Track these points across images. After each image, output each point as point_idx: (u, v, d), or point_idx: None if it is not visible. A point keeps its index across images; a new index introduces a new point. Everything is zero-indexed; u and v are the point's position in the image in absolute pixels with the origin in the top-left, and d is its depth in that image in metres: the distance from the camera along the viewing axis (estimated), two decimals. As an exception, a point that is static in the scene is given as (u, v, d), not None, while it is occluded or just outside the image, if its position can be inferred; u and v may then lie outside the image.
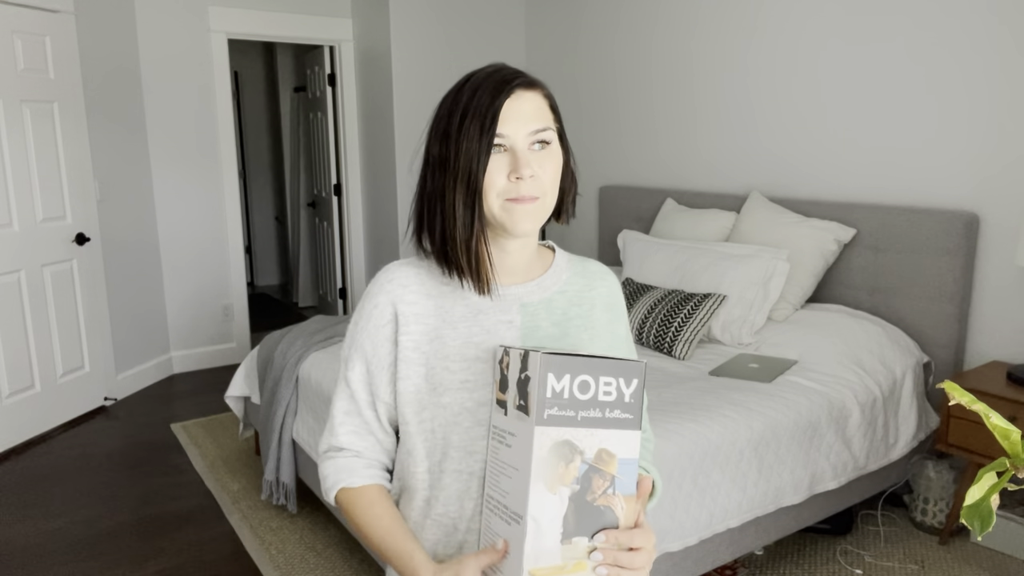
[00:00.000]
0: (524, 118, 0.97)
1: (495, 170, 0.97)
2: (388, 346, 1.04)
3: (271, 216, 7.86)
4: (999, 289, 2.76)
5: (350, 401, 1.07)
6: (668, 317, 2.93)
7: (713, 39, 3.74)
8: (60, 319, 3.92)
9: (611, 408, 0.88)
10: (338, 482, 1.05)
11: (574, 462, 0.86)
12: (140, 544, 2.80)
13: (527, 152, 0.97)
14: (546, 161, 0.99)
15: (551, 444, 0.86)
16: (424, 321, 1.04)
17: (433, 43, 4.80)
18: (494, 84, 0.97)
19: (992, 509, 0.75)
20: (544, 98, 1.02)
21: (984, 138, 2.74)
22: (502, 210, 0.98)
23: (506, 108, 0.97)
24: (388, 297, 1.05)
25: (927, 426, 2.78)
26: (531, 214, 0.98)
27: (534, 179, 0.97)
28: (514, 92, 0.97)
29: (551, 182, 1.00)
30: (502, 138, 0.97)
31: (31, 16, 3.67)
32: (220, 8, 4.68)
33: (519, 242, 1.04)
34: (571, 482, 0.86)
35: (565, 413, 0.86)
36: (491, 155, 0.97)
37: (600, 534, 0.87)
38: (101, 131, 4.19)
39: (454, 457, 1.01)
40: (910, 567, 2.54)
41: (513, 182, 0.97)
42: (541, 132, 0.98)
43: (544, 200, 0.99)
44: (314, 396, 2.66)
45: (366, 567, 2.62)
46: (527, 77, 1.01)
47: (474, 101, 0.97)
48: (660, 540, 2.02)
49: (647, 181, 4.23)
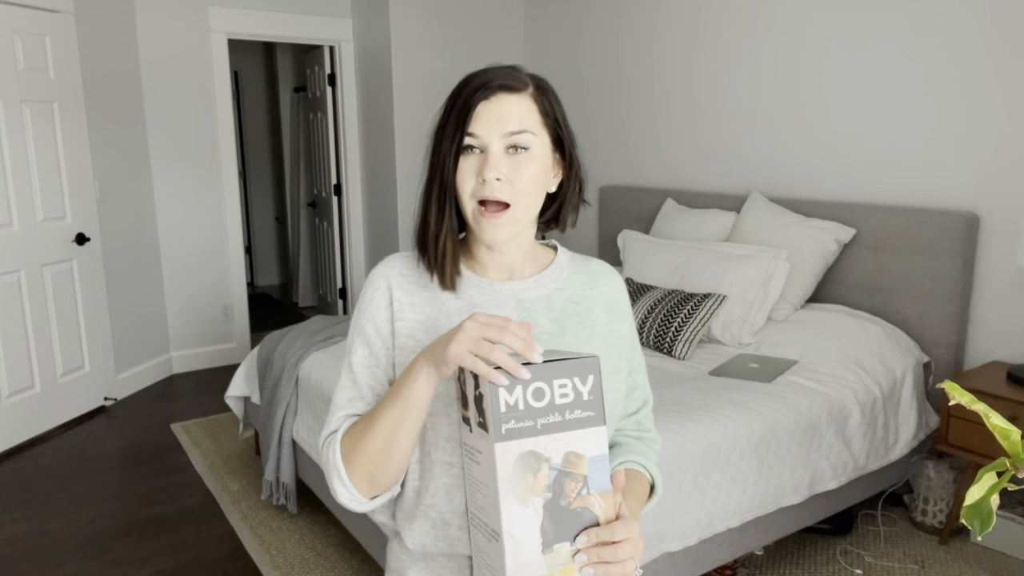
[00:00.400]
0: (499, 120, 0.96)
1: (465, 170, 0.97)
2: (389, 327, 1.05)
3: (271, 216, 7.86)
4: (999, 289, 2.76)
5: (353, 387, 1.05)
6: (668, 317, 2.93)
7: (713, 39, 3.74)
8: (60, 319, 3.92)
9: (571, 409, 0.86)
10: (335, 439, 1.00)
11: (541, 471, 0.85)
12: (140, 544, 2.80)
13: (499, 155, 0.96)
14: (521, 167, 0.97)
15: (514, 458, 0.84)
16: (420, 310, 1.04)
17: (433, 43, 4.80)
18: (477, 84, 0.97)
19: (992, 509, 0.75)
20: (534, 102, 0.99)
21: (984, 138, 2.74)
22: (472, 218, 0.98)
23: (481, 108, 0.96)
24: (386, 282, 1.06)
25: (927, 426, 2.78)
26: (500, 226, 0.97)
27: (502, 183, 0.95)
28: (494, 94, 0.96)
29: (527, 189, 0.97)
30: (473, 138, 0.96)
31: (31, 16, 3.67)
32: (220, 8, 4.68)
33: (510, 242, 1.03)
34: (542, 491, 0.85)
35: (523, 424, 0.84)
36: (463, 156, 0.97)
37: (582, 535, 0.86)
38: (101, 131, 4.19)
39: (444, 448, 1.00)
40: (910, 567, 2.54)
41: (481, 183, 0.96)
42: (516, 135, 0.96)
43: (516, 209, 0.97)
44: (314, 396, 2.66)
45: (366, 567, 2.62)
46: (516, 80, 0.98)
47: (458, 100, 0.97)
48: (660, 540, 2.02)
49: (647, 181, 4.23)
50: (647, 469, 1.10)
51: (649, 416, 1.18)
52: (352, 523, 2.53)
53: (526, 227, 1.03)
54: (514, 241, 1.03)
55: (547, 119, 1.00)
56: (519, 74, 0.99)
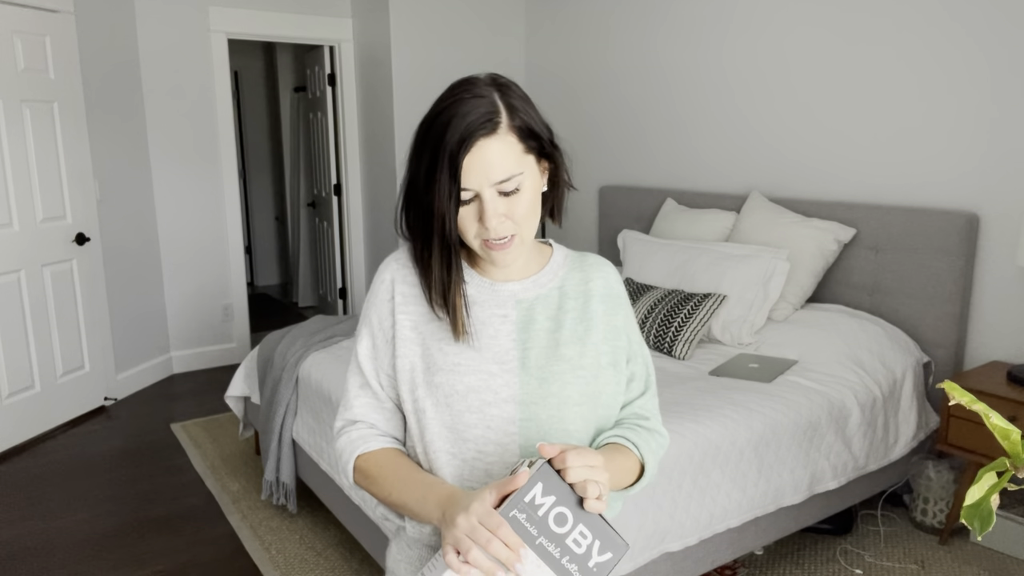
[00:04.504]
0: (486, 169, 0.96)
1: (466, 218, 1.00)
2: (390, 320, 1.09)
3: (271, 216, 7.86)
4: (999, 289, 2.76)
5: (359, 375, 1.11)
6: (668, 317, 2.93)
7: (714, 39, 3.74)
8: (60, 319, 3.92)
9: (572, 559, 0.85)
10: (354, 451, 1.07)
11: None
12: (140, 544, 2.80)
13: (494, 199, 0.98)
14: (516, 202, 0.99)
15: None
16: (423, 303, 1.08)
17: (433, 43, 4.80)
18: (460, 136, 0.95)
19: (992, 509, 0.75)
20: (511, 133, 0.97)
21: (984, 138, 2.74)
22: (481, 250, 1.02)
23: (467, 161, 0.96)
24: (391, 275, 1.10)
25: (927, 426, 2.78)
26: (508, 252, 1.02)
27: (502, 221, 0.99)
28: (475, 143, 0.96)
29: (526, 216, 1.01)
30: (468, 192, 0.98)
31: (31, 16, 3.67)
32: (220, 8, 4.68)
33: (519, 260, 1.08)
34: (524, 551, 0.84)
35: (528, 527, 0.84)
36: (461, 208, 0.99)
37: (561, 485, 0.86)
38: (101, 131, 4.19)
39: (447, 438, 1.03)
40: (910, 567, 2.54)
41: (483, 227, 0.99)
42: (505, 183, 0.98)
43: (520, 233, 1.01)
44: (314, 396, 2.66)
45: (366, 567, 2.62)
46: (489, 120, 0.96)
47: (441, 152, 0.96)
48: (660, 540, 2.02)
49: (647, 181, 4.23)
50: (637, 447, 1.07)
51: (648, 407, 1.15)
52: (352, 523, 2.53)
53: (526, 247, 1.06)
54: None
55: (527, 144, 1.00)
56: (487, 103, 0.97)
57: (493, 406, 1.03)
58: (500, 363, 1.04)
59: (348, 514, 2.53)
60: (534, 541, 0.84)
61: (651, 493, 1.98)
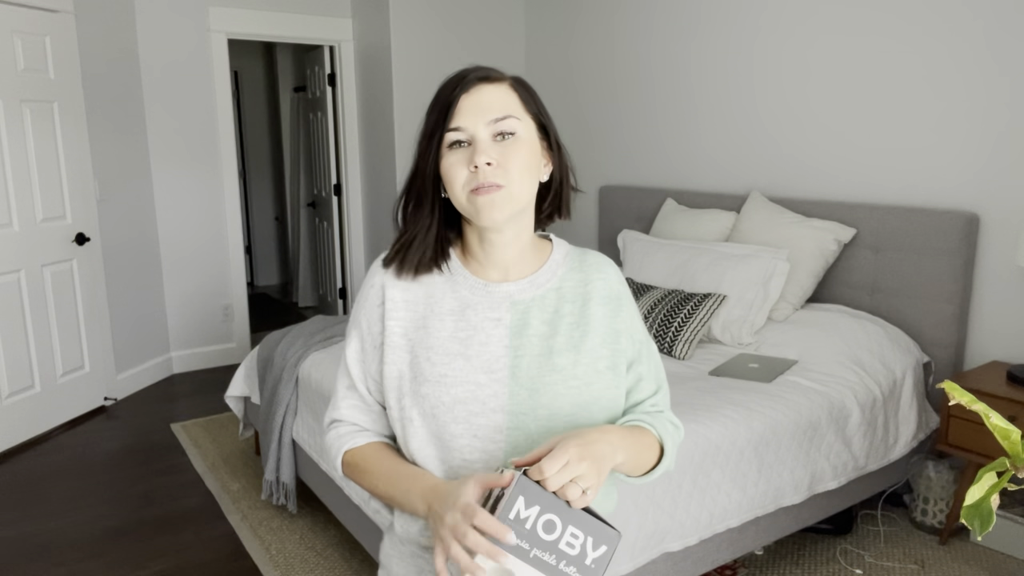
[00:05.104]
0: (482, 109, 0.96)
1: (456, 164, 0.97)
2: (379, 326, 1.07)
3: (271, 216, 7.86)
4: (999, 289, 2.76)
5: (346, 376, 1.10)
6: (668, 317, 2.93)
7: (713, 39, 3.74)
8: (60, 319, 3.92)
9: (568, 562, 0.84)
10: (342, 446, 1.08)
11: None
12: (140, 544, 2.80)
13: (487, 142, 0.97)
14: (510, 151, 0.97)
15: (492, 568, 0.83)
16: (413, 308, 1.05)
17: (433, 43, 4.80)
18: (455, 81, 0.98)
19: (992, 509, 0.75)
20: (512, 90, 1.01)
21: (984, 138, 2.74)
22: (468, 202, 0.98)
23: (463, 102, 0.96)
24: (380, 279, 1.07)
25: (927, 426, 2.78)
26: (495, 204, 0.96)
27: (494, 168, 0.96)
28: (473, 86, 0.97)
29: (519, 171, 0.97)
30: (459, 132, 0.96)
31: (31, 16, 3.67)
32: (220, 8, 4.68)
33: (506, 235, 1.03)
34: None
35: (520, 543, 0.82)
36: (452, 151, 0.97)
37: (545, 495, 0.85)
38: (101, 131, 4.19)
39: (433, 446, 1.02)
40: (910, 567, 2.54)
41: (473, 172, 0.96)
42: (502, 121, 0.96)
43: (510, 189, 0.97)
44: (314, 396, 2.66)
45: (366, 567, 2.62)
46: (493, 72, 1.00)
47: (439, 100, 0.99)
48: (660, 540, 2.02)
49: (647, 181, 4.23)
50: (654, 427, 1.05)
51: (660, 404, 1.12)
52: (352, 523, 2.53)
53: (523, 214, 1.03)
54: (512, 230, 1.03)
55: (529, 107, 1.02)
56: (495, 70, 1.02)
57: (480, 416, 1.00)
58: (489, 372, 1.01)
59: (348, 514, 2.53)
60: (528, 555, 0.82)
61: (651, 493, 1.98)
